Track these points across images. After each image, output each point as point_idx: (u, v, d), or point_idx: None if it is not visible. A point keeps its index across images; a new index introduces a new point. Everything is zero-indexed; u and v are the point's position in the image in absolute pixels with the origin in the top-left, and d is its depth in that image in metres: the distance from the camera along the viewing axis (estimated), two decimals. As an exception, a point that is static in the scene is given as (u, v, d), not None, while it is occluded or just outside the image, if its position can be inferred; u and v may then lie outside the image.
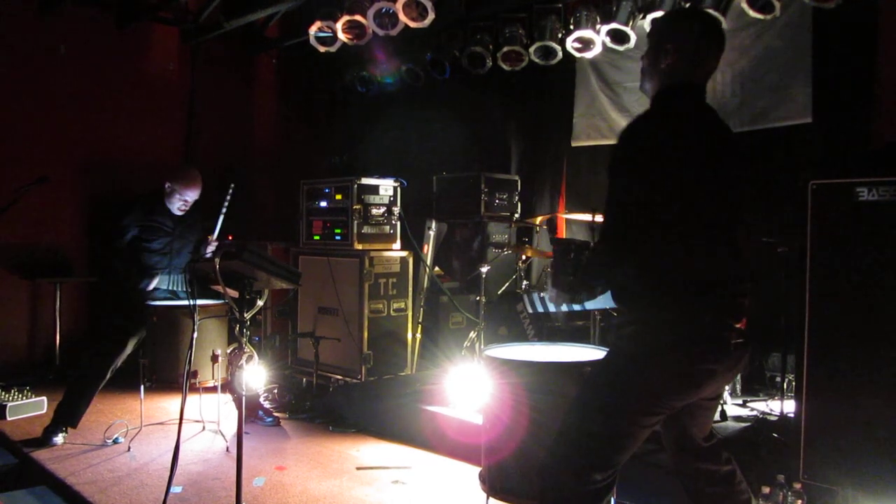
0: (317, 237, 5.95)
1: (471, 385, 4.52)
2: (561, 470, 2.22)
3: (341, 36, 6.01)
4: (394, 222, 5.83)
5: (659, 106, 2.34)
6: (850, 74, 4.81)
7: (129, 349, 4.54)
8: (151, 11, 6.88)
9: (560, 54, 5.84)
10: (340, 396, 5.20)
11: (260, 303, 3.45)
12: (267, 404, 5.19)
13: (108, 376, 4.50)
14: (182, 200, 4.78)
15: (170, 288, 4.80)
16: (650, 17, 5.11)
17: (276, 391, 5.62)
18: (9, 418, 4.85)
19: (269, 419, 4.92)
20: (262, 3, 6.48)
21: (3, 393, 5.08)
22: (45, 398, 5.04)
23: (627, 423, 2.19)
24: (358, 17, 5.80)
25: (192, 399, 4.68)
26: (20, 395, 5.03)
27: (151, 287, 4.73)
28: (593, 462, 2.18)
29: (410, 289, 5.83)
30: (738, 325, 2.23)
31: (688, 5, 5.04)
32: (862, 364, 3.05)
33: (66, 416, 4.43)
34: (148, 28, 7.16)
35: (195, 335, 3.56)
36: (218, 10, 6.84)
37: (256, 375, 3.63)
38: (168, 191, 4.77)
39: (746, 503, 2.45)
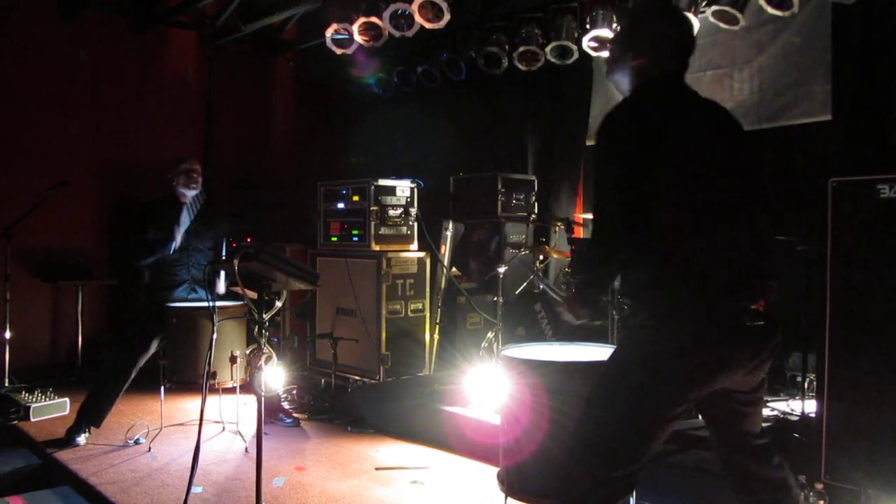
0: (334, 238, 5.98)
1: (489, 385, 4.52)
2: (581, 471, 2.17)
3: (357, 38, 6.03)
4: (411, 223, 5.84)
5: (638, 96, 2.33)
6: (870, 71, 4.75)
7: (152, 349, 4.58)
8: (170, 16, 6.95)
9: (576, 54, 5.82)
10: (359, 397, 5.22)
11: (278, 304, 3.46)
12: (286, 405, 5.22)
13: (132, 376, 4.55)
14: (185, 171, 4.78)
15: (189, 277, 4.85)
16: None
17: (295, 392, 5.64)
18: (32, 419, 4.91)
19: (289, 420, 4.94)
20: (279, 6, 6.52)
21: (27, 394, 5.14)
22: (67, 399, 5.10)
23: (648, 418, 2.13)
24: (374, 19, 5.82)
25: (212, 400, 4.71)
26: (43, 397, 5.09)
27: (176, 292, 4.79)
28: (614, 461, 2.13)
29: (428, 289, 5.84)
30: (753, 307, 2.15)
31: (711, 9, 4.99)
32: (884, 363, 3.02)
33: (90, 416, 4.48)
34: (166, 32, 7.23)
35: (214, 336, 3.59)
36: (235, 13, 6.90)
37: (276, 376, 3.65)
38: (174, 181, 4.80)
39: None
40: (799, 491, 2.41)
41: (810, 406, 4.12)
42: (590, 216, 5.84)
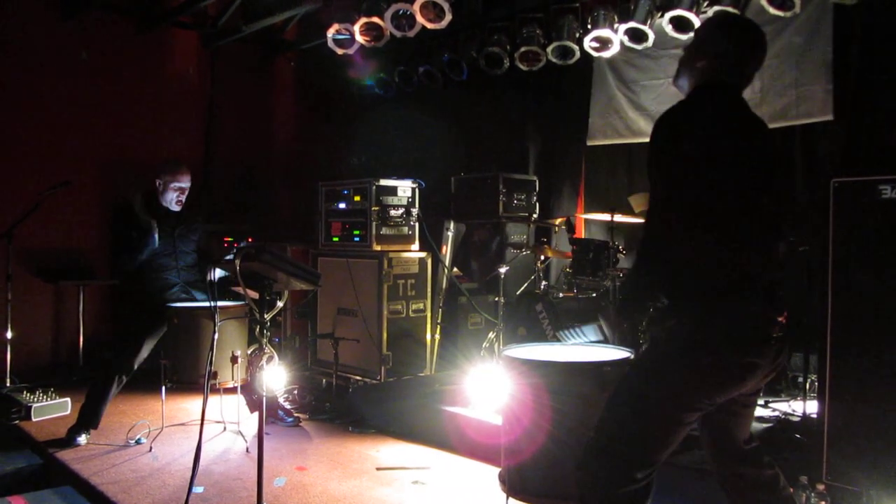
0: (336, 238, 5.98)
1: (490, 385, 4.52)
2: (602, 470, 2.17)
3: (359, 38, 6.03)
4: (412, 223, 5.85)
5: (694, 98, 2.36)
6: (871, 71, 4.75)
7: (144, 351, 4.57)
8: (171, 16, 6.95)
9: (578, 54, 5.81)
10: (360, 397, 5.22)
11: (280, 304, 3.47)
12: (287, 405, 5.22)
13: (125, 378, 4.54)
14: (177, 190, 4.81)
15: (179, 280, 4.86)
16: (668, 15, 5.08)
17: (296, 392, 5.64)
18: (34, 419, 4.91)
19: (290, 420, 4.95)
20: (280, 7, 6.52)
21: (28, 394, 5.14)
22: (69, 399, 5.09)
23: (671, 419, 2.16)
24: (375, 19, 5.81)
25: (213, 400, 4.71)
26: (45, 397, 5.09)
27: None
28: (635, 460, 2.15)
29: (429, 290, 5.84)
30: (779, 319, 2.20)
31: (713, 9, 4.99)
32: (885, 364, 3.02)
33: (88, 418, 4.49)
34: (168, 33, 7.23)
35: (216, 336, 3.59)
36: (237, 14, 6.91)
37: (276, 376, 3.65)
38: (160, 187, 4.81)
39: None
40: (790, 489, 2.42)
41: (812, 407, 4.13)
42: (594, 216, 5.84)
